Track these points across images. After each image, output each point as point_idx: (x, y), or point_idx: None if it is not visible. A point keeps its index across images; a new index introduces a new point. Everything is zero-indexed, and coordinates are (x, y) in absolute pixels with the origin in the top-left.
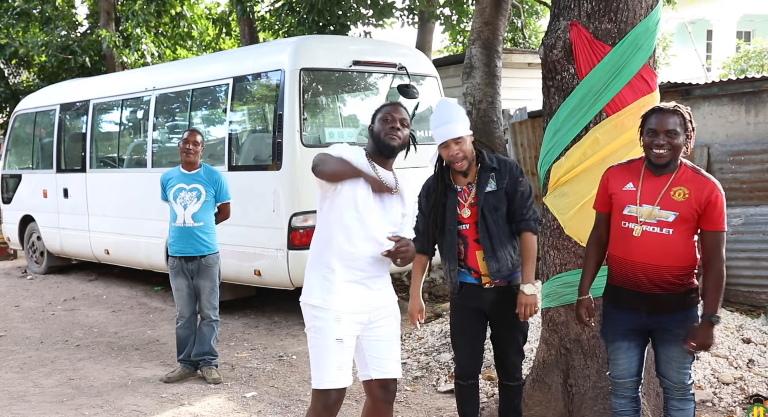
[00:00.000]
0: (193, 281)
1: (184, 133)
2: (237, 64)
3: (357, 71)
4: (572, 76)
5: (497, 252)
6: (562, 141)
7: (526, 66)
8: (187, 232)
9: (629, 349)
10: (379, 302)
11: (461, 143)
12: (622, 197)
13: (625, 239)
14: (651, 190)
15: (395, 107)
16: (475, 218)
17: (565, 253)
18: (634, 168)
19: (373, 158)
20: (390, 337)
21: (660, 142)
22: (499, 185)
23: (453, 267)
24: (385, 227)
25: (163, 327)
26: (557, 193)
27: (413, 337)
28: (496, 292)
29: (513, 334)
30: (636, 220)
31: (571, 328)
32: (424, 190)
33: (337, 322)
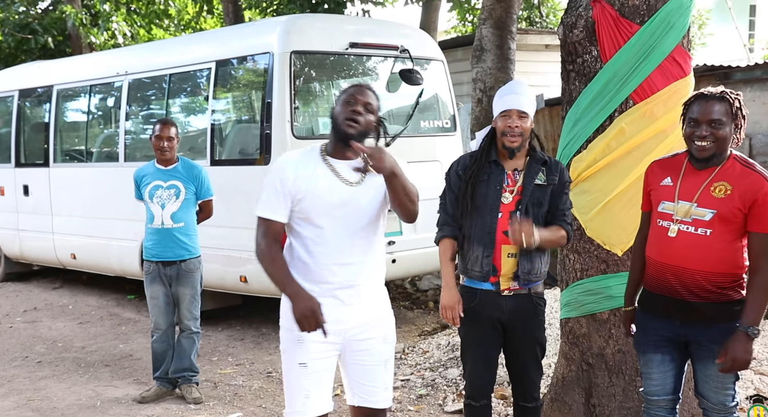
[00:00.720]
0: (171, 289)
1: (156, 127)
2: (220, 46)
3: (354, 54)
4: (595, 59)
5: (532, 251)
6: (584, 132)
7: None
8: (166, 234)
9: (663, 362)
10: (358, 318)
11: (524, 119)
12: (658, 193)
13: (660, 239)
14: (691, 186)
15: (360, 89)
16: (512, 207)
17: (586, 257)
18: (676, 162)
19: (331, 151)
20: (376, 362)
21: (702, 134)
22: (549, 181)
23: (488, 252)
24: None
25: (137, 340)
26: (578, 190)
27: (417, 351)
28: (515, 300)
29: (532, 347)
30: (671, 219)
31: (593, 341)
32: (459, 165)
33: (298, 344)
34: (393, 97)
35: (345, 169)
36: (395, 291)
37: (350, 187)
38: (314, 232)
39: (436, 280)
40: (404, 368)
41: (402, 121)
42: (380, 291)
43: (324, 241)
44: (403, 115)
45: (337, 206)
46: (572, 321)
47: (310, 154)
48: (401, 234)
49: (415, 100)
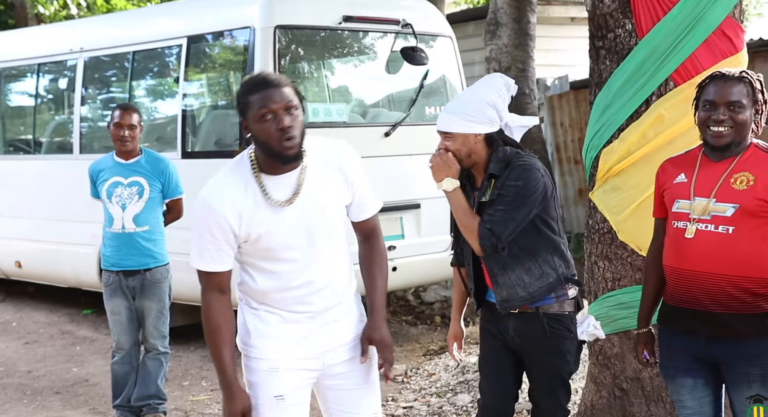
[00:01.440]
0: (135, 302)
1: (115, 113)
2: (192, 19)
3: (348, 30)
4: (629, 34)
5: (499, 277)
6: (615, 119)
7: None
8: (128, 238)
9: (695, 387)
10: (337, 339)
11: (451, 139)
12: (672, 192)
13: (677, 243)
14: (707, 180)
15: (269, 93)
16: None
17: (618, 265)
18: (690, 157)
19: (264, 167)
20: (359, 384)
21: (719, 117)
22: (498, 193)
23: (471, 285)
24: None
25: (94, 362)
26: (608, 187)
27: (421, 373)
28: (520, 320)
29: (542, 378)
30: (688, 218)
31: (627, 362)
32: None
33: (271, 373)
34: (393, 79)
35: (277, 186)
36: (396, 303)
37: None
38: (280, 266)
39: (442, 291)
40: (407, 393)
41: (404, 108)
42: (357, 305)
43: (294, 273)
44: (406, 100)
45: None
46: (602, 339)
47: (241, 174)
48: (403, 238)
49: (419, 82)
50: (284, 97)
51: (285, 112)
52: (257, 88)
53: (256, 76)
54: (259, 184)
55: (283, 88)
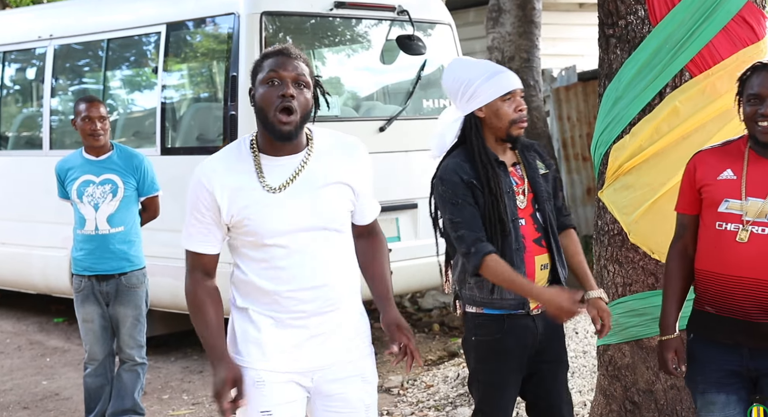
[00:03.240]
0: (108, 309)
1: (80, 106)
2: (172, 4)
3: (340, 16)
4: (642, 21)
5: (562, 255)
6: (627, 112)
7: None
8: (101, 241)
9: (728, 404)
10: (331, 354)
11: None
12: (717, 190)
13: (723, 247)
14: (760, 179)
15: (282, 57)
16: (531, 210)
17: (629, 269)
18: (733, 150)
19: (263, 147)
20: (355, 408)
21: (765, 110)
22: (547, 167)
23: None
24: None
25: (66, 375)
26: (619, 185)
27: (419, 385)
28: (544, 320)
29: (563, 377)
30: (739, 220)
31: (639, 373)
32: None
33: (257, 387)
34: (389, 69)
35: (274, 169)
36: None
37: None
38: (269, 255)
39: (441, 298)
40: (403, 407)
41: (400, 101)
42: (357, 316)
43: (283, 264)
44: (402, 92)
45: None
46: (612, 348)
47: (239, 154)
48: (399, 240)
49: (417, 73)
50: (298, 69)
51: (293, 83)
52: (274, 54)
53: (279, 46)
54: (256, 164)
55: (299, 62)
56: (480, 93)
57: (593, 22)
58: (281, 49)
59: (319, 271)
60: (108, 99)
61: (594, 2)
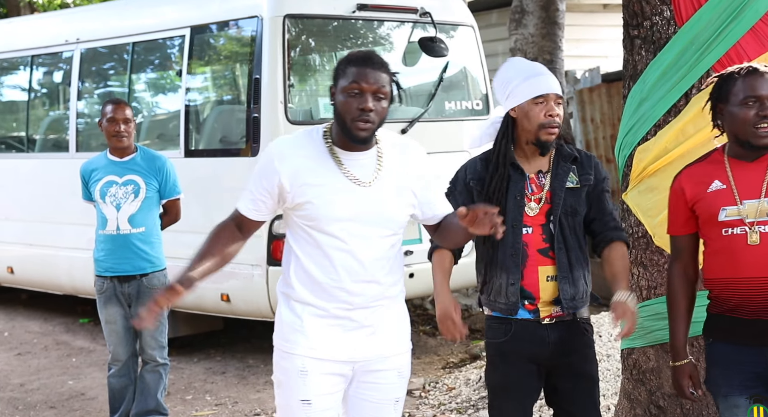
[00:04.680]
0: (131, 310)
1: (107, 108)
2: (196, 8)
3: (363, 19)
4: (667, 22)
5: (575, 271)
6: (652, 114)
7: (600, 8)
8: (123, 241)
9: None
10: (374, 346)
11: (560, 106)
12: (712, 201)
13: (735, 251)
14: (748, 182)
15: (365, 70)
16: (543, 220)
17: (654, 272)
18: (714, 162)
19: (338, 141)
20: (387, 400)
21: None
22: (582, 182)
23: (514, 280)
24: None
25: (91, 375)
26: (643, 188)
27: (441, 388)
28: (559, 330)
29: (588, 389)
30: (743, 223)
31: (665, 377)
32: (469, 174)
33: (301, 375)
34: (411, 71)
35: (355, 164)
36: (414, 312)
37: (363, 188)
38: (326, 243)
39: (463, 300)
40: (425, 409)
41: (422, 102)
42: (401, 314)
43: (338, 254)
44: (424, 94)
45: (351, 212)
46: (637, 352)
47: (312, 142)
48: (421, 242)
49: (439, 75)
50: (379, 81)
51: (373, 95)
52: (359, 62)
53: (364, 52)
54: (333, 155)
55: (382, 73)
56: (515, 93)
57: (617, 23)
58: (366, 57)
59: (372, 266)
60: (133, 102)
61: (618, 3)
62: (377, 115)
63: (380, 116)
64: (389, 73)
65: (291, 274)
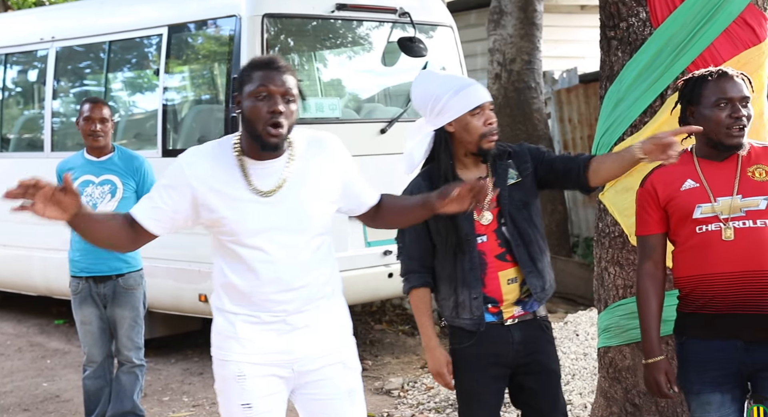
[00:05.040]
0: (106, 311)
1: (84, 107)
2: (174, 6)
3: (342, 19)
4: (643, 23)
5: (538, 263)
6: (628, 115)
7: (577, 9)
8: None
9: (723, 405)
10: (311, 345)
11: (492, 110)
12: (686, 199)
13: (709, 248)
14: (720, 180)
15: (271, 73)
16: (496, 225)
17: (630, 271)
18: (684, 162)
19: (248, 150)
20: (338, 393)
21: (740, 113)
22: (523, 173)
23: (476, 294)
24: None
25: (66, 377)
26: (620, 188)
27: (419, 387)
28: (522, 329)
29: (553, 386)
30: (718, 220)
31: (640, 375)
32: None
33: (238, 380)
34: (390, 71)
35: (263, 173)
36: (392, 312)
37: (269, 199)
38: (250, 256)
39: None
40: (403, 409)
41: (401, 103)
42: (339, 310)
43: (263, 266)
44: (403, 94)
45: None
46: (613, 351)
47: (222, 153)
48: None
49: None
50: (286, 84)
51: (282, 98)
52: (263, 66)
53: (266, 56)
54: (242, 167)
55: (288, 76)
56: (449, 108)
57: (594, 24)
58: (269, 60)
59: (299, 273)
60: (109, 101)
61: (595, 4)
62: (287, 118)
63: (290, 120)
64: (295, 76)
65: (220, 290)
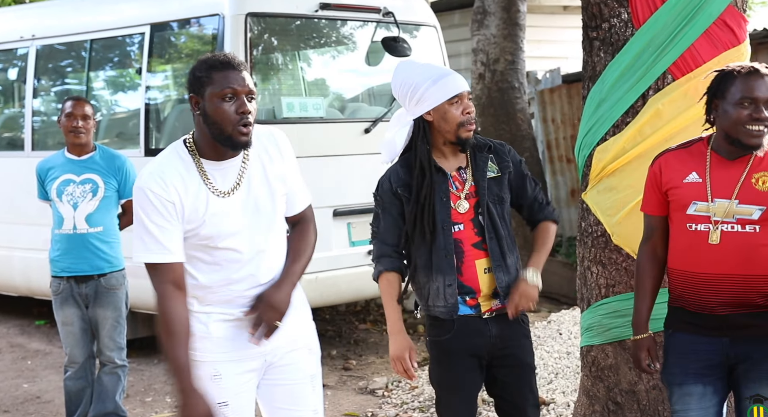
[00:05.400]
0: (88, 311)
1: (65, 104)
2: (156, 5)
3: (325, 18)
4: (625, 24)
5: (507, 259)
6: (610, 114)
7: (560, 10)
8: (80, 240)
9: (704, 396)
10: (280, 337)
11: (471, 99)
12: (684, 193)
13: (696, 247)
14: (724, 180)
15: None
16: (472, 214)
17: (612, 270)
18: (696, 152)
19: (206, 152)
20: (302, 378)
21: (762, 115)
22: (503, 169)
23: (451, 281)
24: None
25: (47, 378)
26: (602, 187)
27: (403, 387)
28: (499, 323)
29: (527, 379)
30: (709, 221)
31: (622, 374)
32: (394, 182)
33: (214, 380)
34: (374, 71)
35: (222, 173)
36: (377, 312)
37: (229, 199)
38: (223, 257)
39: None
40: (387, 408)
41: (385, 102)
42: (299, 299)
43: (235, 266)
44: (387, 94)
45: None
46: (595, 350)
47: (180, 160)
48: None
49: None
50: (247, 83)
51: (246, 96)
52: (223, 67)
53: (220, 55)
54: (200, 170)
55: (246, 73)
56: (427, 97)
57: (577, 24)
58: (228, 60)
59: (268, 269)
60: (91, 100)
61: (578, 5)
62: (253, 117)
63: (253, 118)
64: (248, 72)
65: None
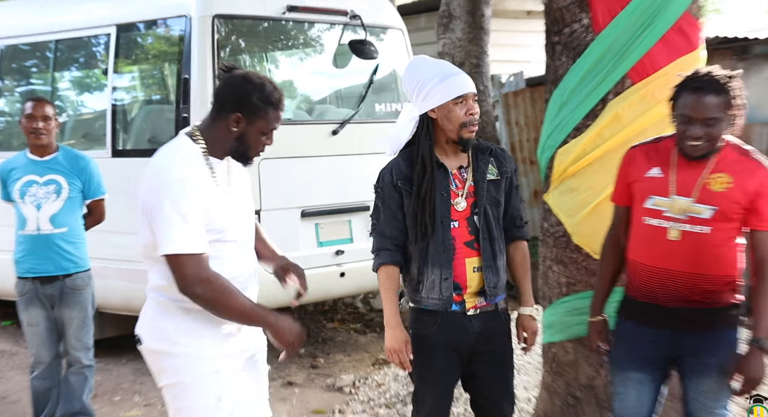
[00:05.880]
0: (54, 311)
1: (26, 105)
2: (122, 5)
3: (293, 20)
4: (586, 29)
5: (497, 260)
6: (572, 117)
7: (524, 15)
8: (44, 241)
9: (643, 382)
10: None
11: (476, 102)
12: (645, 186)
13: (653, 242)
14: (687, 179)
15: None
16: (468, 213)
17: (573, 269)
18: (663, 149)
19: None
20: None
21: (696, 134)
22: (501, 174)
23: (447, 275)
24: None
25: (14, 378)
26: (563, 188)
27: (370, 384)
28: (483, 320)
29: (505, 376)
30: (661, 216)
31: (581, 370)
32: (395, 175)
33: (215, 375)
34: (341, 73)
35: (222, 170)
36: (344, 311)
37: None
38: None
39: None
40: (354, 405)
41: (352, 104)
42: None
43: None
44: (354, 96)
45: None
46: (556, 346)
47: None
48: (352, 242)
49: (369, 77)
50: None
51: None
52: (278, 107)
53: (281, 91)
54: (209, 166)
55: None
56: (433, 95)
57: (540, 29)
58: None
59: (253, 259)
60: (57, 101)
61: (541, 10)
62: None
63: None
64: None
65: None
